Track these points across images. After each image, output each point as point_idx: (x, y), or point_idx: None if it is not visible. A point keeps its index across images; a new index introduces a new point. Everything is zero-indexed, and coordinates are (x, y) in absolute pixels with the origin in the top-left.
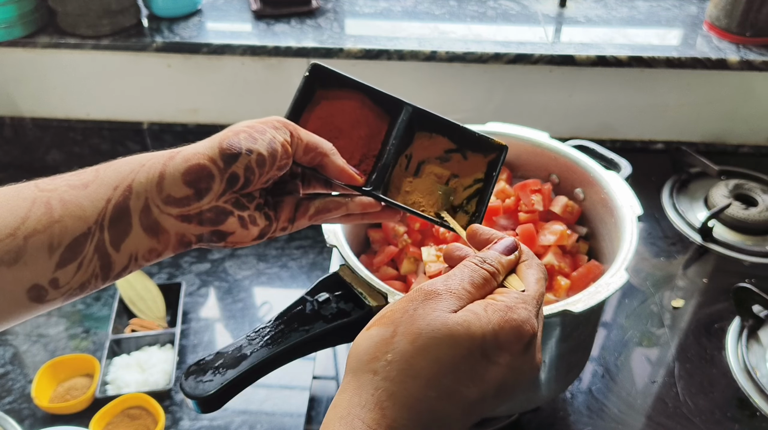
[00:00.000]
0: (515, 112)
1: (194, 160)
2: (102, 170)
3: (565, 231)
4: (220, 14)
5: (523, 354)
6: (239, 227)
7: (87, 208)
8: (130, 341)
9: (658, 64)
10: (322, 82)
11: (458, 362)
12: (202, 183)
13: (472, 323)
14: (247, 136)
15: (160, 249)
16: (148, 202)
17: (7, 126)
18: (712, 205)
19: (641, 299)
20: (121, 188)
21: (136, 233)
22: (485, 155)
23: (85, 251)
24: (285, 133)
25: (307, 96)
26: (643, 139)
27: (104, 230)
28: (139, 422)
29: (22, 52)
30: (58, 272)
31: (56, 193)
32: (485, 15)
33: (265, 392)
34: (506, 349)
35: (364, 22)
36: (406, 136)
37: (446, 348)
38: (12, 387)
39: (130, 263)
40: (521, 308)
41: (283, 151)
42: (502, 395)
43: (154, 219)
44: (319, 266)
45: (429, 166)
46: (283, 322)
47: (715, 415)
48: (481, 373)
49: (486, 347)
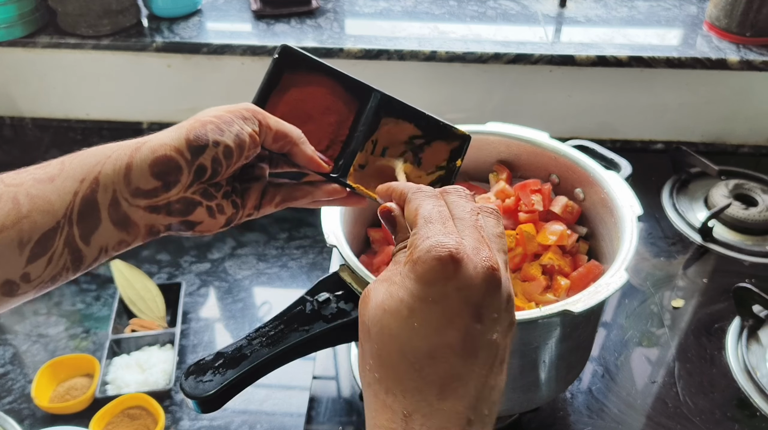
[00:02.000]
0: (515, 112)
1: (161, 151)
2: (68, 162)
3: (565, 231)
4: (220, 14)
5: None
6: (207, 217)
7: (55, 202)
8: (130, 341)
9: (658, 64)
10: (291, 65)
11: (410, 323)
12: (170, 176)
13: (392, 290)
14: (215, 127)
15: (129, 240)
16: (116, 194)
17: (7, 126)
18: (712, 205)
19: (641, 299)
20: (88, 181)
21: (106, 226)
22: (448, 143)
23: (54, 246)
24: (253, 123)
25: (276, 79)
26: (643, 139)
27: (73, 224)
28: (139, 422)
29: (22, 52)
30: (29, 267)
31: (23, 188)
32: (485, 15)
33: (265, 392)
34: (439, 280)
35: (364, 22)
36: (373, 122)
37: (393, 321)
38: (12, 387)
39: (100, 254)
40: (420, 241)
41: (251, 141)
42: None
43: (123, 212)
44: (319, 266)
45: (393, 150)
46: (283, 322)
47: (715, 415)
48: (441, 315)
49: (422, 294)
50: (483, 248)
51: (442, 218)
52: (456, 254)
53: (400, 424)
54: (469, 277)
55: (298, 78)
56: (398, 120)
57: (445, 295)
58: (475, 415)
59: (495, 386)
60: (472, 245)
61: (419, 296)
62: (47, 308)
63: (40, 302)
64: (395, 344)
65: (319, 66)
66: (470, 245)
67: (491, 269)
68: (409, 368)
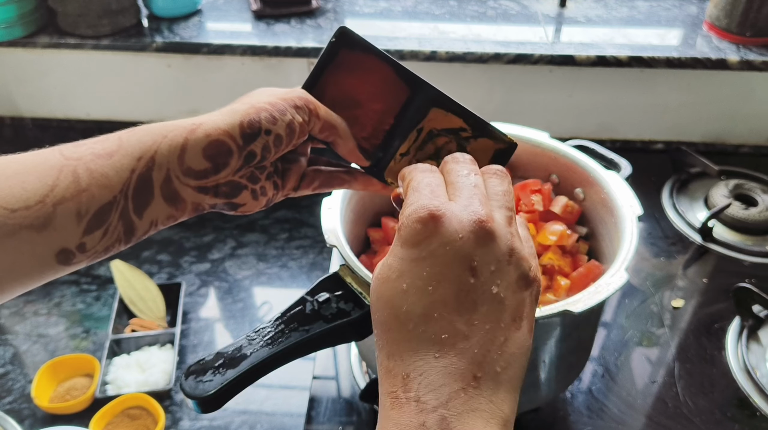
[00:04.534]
0: (515, 112)
1: (215, 135)
2: (125, 139)
3: (565, 231)
4: (220, 14)
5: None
6: (251, 199)
7: (112, 178)
8: (130, 341)
9: (658, 64)
10: (347, 48)
11: (400, 285)
12: (221, 158)
13: (384, 260)
14: (268, 115)
15: (177, 215)
16: (169, 173)
17: (7, 126)
18: (712, 205)
19: (641, 299)
20: (145, 159)
21: (158, 202)
22: (495, 144)
23: (110, 219)
24: (305, 113)
25: (329, 61)
26: (643, 139)
27: (128, 199)
28: (139, 422)
29: (22, 52)
30: (85, 238)
31: (82, 162)
32: (485, 15)
33: (265, 392)
34: (423, 239)
35: (364, 22)
36: (420, 115)
37: (384, 288)
38: (12, 387)
39: (150, 227)
40: (404, 209)
41: (300, 131)
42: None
43: (174, 189)
44: (319, 266)
45: (438, 138)
46: (283, 322)
47: (715, 415)
48: (431, 271)
49: (408, 256)
50: (473, 203)
51: (430, 186)
52: (436, 211)
53: (400, 387)
54: (453, 231)
55: (351, 62)
56: (448, 113)
57: (431, 253)
58: (483, 372)
59: (507, 341)
60: (462, 202)
61: (405, 258)
62: (47, 308)
63: (40, 302)
64: (390, 309)
65: (374, 51)
66: (459, 204)
67: (479, 221)
68: (404, 330)
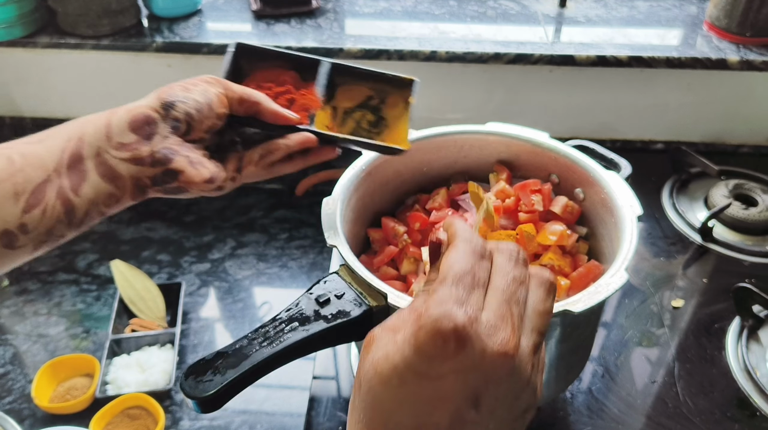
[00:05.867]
0: (515, 112)
1: (137, 110)
2: (53, 130)
3: (565, 231)
4: (220, 14)
5: (466, 348)
6: (188, 166)
7: (45, 157)
8: (130, 341)
9: (658, 64)
10: (246, 57)
11: (399, 395)
12: (148, 128)
13: (390, 351)
14: (182, 88)
15: (118, 194)
16: (99, 149)
17: (7, 126)
18: (712, 205)
19: (641, 299)
20: (74, 139)
21: (93, 179)
22: (401, 95)
23: (47, 197)
24: (218, 87)
25: (236, 68)
26: (643, 139)
27: (62, 175)
28: (139, 422)
29: (22, 52)
30: (25, 217)
31: (15, 148)
32: (485, 15)
33: (265, 392)
34: (437, 357)
35: (364, 22)
36: (329, 91)
37: (381, 389)
38: (12, 387)
39: (91, 208)
40: (433, 304)
41: (218, 100)
42: (487, 403)
43: (108, 165)
44: (319, 266)
45: (354, 114)
46: (283, 322)
47: (715, 415)
48: (433, 393)
49: (416, 368)
50: (504, 327)
51: (473, 282)
52: (461, 331)
53: None
54: (471, 361)
55: (255, 66)
56: (351, 86)
57: (441, 375)
58: None
59: None
60: (493, 322)
61: (413, 369)
62: (47, 308)
63: (40, 302)
64: (380, 413)
65: (271, 52)
66: (489, 322)
67: (503, 355)
68: None
